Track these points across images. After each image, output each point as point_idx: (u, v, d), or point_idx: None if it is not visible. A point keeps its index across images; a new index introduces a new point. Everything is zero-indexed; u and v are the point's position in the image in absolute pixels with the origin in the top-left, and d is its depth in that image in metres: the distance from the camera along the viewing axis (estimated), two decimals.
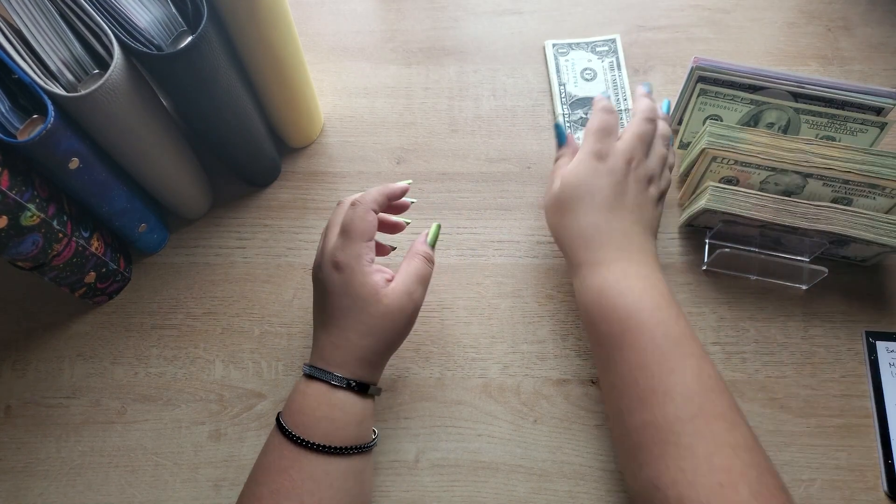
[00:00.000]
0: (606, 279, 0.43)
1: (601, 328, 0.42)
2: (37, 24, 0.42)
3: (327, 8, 0.71)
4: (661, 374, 0.39)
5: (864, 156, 0.51)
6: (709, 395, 0.38)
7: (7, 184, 0.40)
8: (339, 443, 0.40)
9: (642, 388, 0.39)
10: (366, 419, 0.42)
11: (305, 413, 0.40)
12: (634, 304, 0.42)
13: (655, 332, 0.41)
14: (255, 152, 0.56)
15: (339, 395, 0.41)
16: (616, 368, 0.41)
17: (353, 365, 0.41)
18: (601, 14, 0.70)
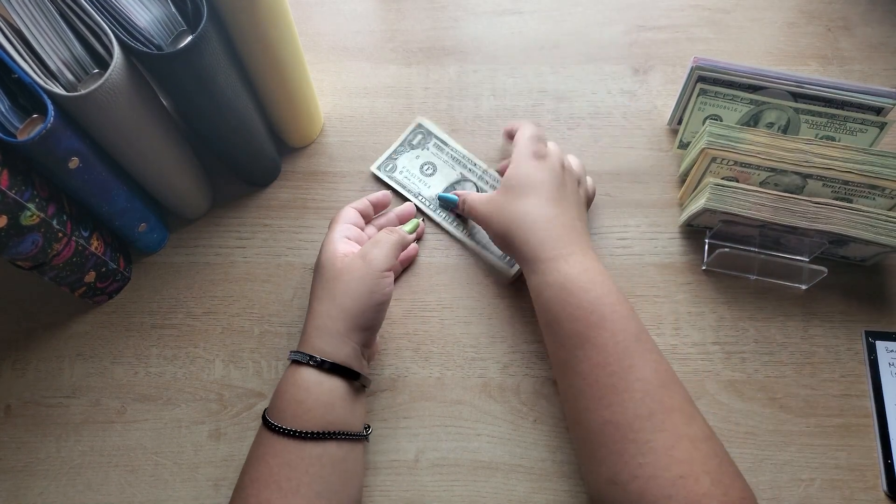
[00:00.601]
0: (568, 274, 0.42)
1: (565, 326, 0.41)
2: (37, 24, 0.42)
3: (327, 8, 0.71)
4: (621, 372, 0.39)
5: (864, 156, 0.51)
6: (666, 390, 0.39)
7: (7, 183, 0.40)
8: (310, 427, 0.40)
9: (603, 385, 0.39)
10: (336, 403, 0.41)
11: (278, 395, 0.42)
12: (598, 298, 0.41)
13: (616, 328, 0.40)
14: (255, 152, 0.56)
15: (303, 374, 0.41)
16: (578, 367, 0.40)
17: (313, 336, 0.42)
18: (601, 14, 0.70)
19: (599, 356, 0.39)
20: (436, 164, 0.57)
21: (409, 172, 0.56)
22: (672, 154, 0.61)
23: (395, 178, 0.56)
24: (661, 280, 0.55)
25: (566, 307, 0.41)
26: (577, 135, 0.62)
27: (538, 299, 0.44)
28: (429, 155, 0.57)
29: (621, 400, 0.38)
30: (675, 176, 0.60)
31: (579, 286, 0.41)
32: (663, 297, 0.54)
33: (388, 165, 0.56)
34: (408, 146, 0.56)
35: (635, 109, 0.63)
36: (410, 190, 0.56)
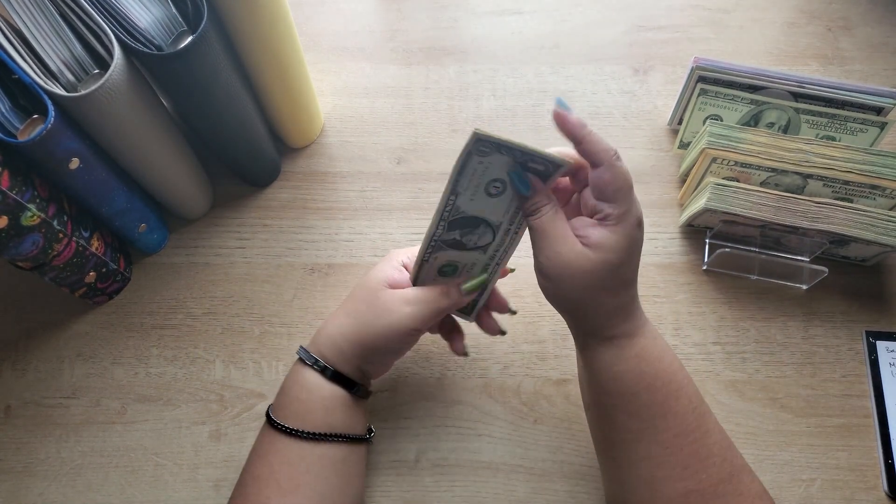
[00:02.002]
0: (644, 346, 0.39)
1: (642, 398, 0.38)
2: (37, 24, 0.42)
3: (327, 8, 0.71)
4: (702, 438, 0.38)
5: (865, 156, 0.51)
6: (732, 449, 0.38)
7: (7, 184, 0.40)
8: (311, 427, 0.40)
9: (686, 454, 0.37)
10: (336, 408, 0.41)
11: (282, 392, 0.42)
12: (670, 366, 0.39)
13: (690, 392, 0.39)
14: (255, 152, 0.56)
15: (307, 375, 0.41)
16: (658, 438, 0.37)
17: (322, 342, 0.42)
18: (601, 14, 0.70)
19: (681, 425, 0.37)
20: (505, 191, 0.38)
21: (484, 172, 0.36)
22: (672, 154, 0.61)
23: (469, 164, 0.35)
24: (662, 280, 0.55)
25: (644, 378, 0.38)
26: None
27: (607, 371, 0.39)
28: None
29: (705, 466, 0.37)
30: (676, 176, 0.60)
31: (654, 356, 0.39)
32: (664, 298, 0.54)
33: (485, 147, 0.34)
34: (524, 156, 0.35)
35: (635, 109, 0.63)
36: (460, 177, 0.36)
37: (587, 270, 0.36)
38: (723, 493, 0.36)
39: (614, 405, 0.39)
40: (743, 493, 0.37)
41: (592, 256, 0.36)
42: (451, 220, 0.39)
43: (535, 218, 0.38)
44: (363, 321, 0.41)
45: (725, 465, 0.37)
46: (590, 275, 0.36)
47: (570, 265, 0.36)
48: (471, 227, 0.40)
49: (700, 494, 0.36)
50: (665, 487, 0.37)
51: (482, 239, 0.41)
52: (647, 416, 0.38)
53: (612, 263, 0.36)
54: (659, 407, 0.38)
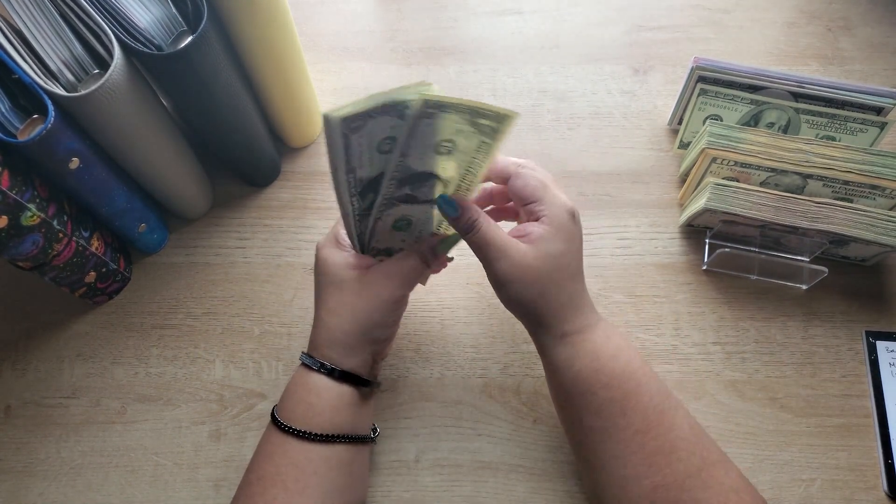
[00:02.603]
0: (596, 343, 0.40)
1: (600, 396, 0.39)
2: (37, 24, 0.42)
3: (327, 8, 0.71)
4: (664, 434, 0.38)
5: (865, 156, 0.51)
6: (702, 444, 0.38)
7: (7, 184, 0.40)
8: (318, 429, 0.40)
9: (649, 450, 0.38)
10: (344, 408, 0.41)
11: (288, 396, 0.42)
12: (628, 363, 0.40)
13: (651, 388, 0.39)
14: (255, 152, 0.56)
15: (313, 379, 0.41)
16: (619, 436, 0.38)
17: (324, 346, 0.42)
18: (601, 14, 0.70)
19: (641, 422, 0.38)
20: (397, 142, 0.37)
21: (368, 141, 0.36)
22: (672, 154, 0.61)
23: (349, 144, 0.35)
24: (662, 280, 0.55)
25: (600, 377, 0.39)
26: (578, 135, 0.62)
27: (566, 371, 0.40)
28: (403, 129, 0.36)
29: (669, 462, 0.37)
30: (676, 176, 0.60)
31: (609, 354, 0.40)
32: (663, 298, 0.54)
33: (354, 123, 0.34)
34: (397, 112, 0.35)
35: (635, 109, 0.63)
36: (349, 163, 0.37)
37: (534, 266, 0.39)
38: (690, 488, 0.36)
39: (577, 406, 0.40)
40: (712, 486, 0.37)
41: (536, 251, 0.39)
42: (361, 190, 0.40)
43: (473, 233, 0.40)
44: (358, 309, 0.42)
45: (694, 459, 0.37)
46: (537, 270, 0.39)
47: (519, 265, 0.39)
48: (417, 182, 0.41)
49: (666, 489, 0.37)
50: (633, 486, 0.38)
51: (435, 191, 0.42)
52: (608, 414, 0.39)
53: (553, 254, 0.39)
54: (617, 404, 0.39)
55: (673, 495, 0.36)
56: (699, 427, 0.39)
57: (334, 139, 0.35)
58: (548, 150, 0.61)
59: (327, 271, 0.43)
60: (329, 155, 0.36)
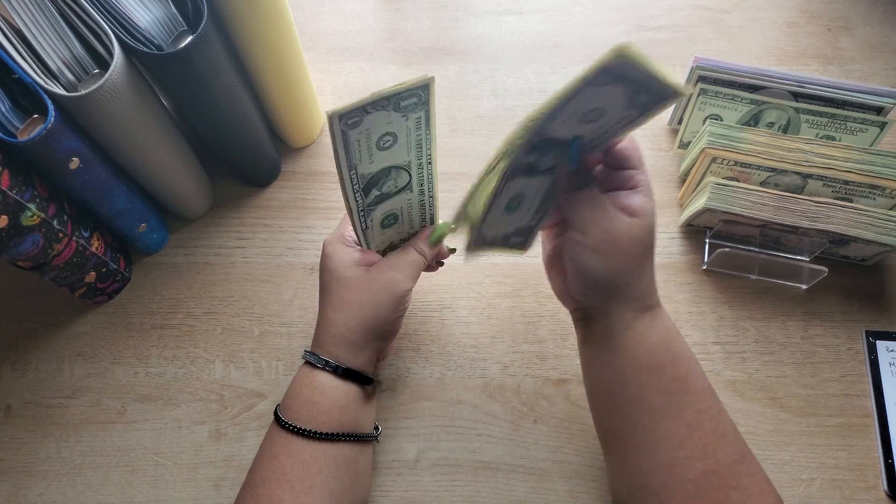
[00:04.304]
0: (667, 319, 0.40)
1: (668, 372, 0.38)
2: (37, 24, 0.42)
3: (327, 8, 0.71)
4: (718, 416, 0.38)
5: (865, 155, 0.51)
6: (738, 432, 0.39)
7: (7, 184, 0.40)
8: (325, 428, 0.40)
9: (706, 431, 0.37)
10: (350, 406, 0.41)
11: (292, 396, 0.42)
12: (685, 343, 0.40)
13: (701, 370, 0.39)
14: (255, 152, 0.56)
15: (318, 377, 0.41)
16: (680, 414, 0.38)
17: (329, 343, 0.42)
18: (601, 14, 0.70)
19: (701, 401, 0.38)
20: (397, 139, 0.39)
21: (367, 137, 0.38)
22: (672, 154, 0.61)
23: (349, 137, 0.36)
24: (662, 280, 0.55)
25: (671, 352, 0.39)
26: None
27: (640, 345, 0.39)
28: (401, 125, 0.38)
29: (722, 444, 0.37)
30: (676, 176, 0.60)
31: (675, 330, 0.40)
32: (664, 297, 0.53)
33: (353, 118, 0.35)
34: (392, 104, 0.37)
35: None
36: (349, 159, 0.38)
37: (638, 238, 0.38)
38: (737, 473, 0.36)
39: (643, 382, 0.39)
40: (754, 474, 0.37)
41: (640, 223, 0.38)
42: (364, 186, 0.40)
43: (583, 192, 0.39)
44: (365, 306, 0.42)
45: (738, 443, 0.37)
46: (640, 242, 0.38)
47: (623, 235, 0.38)
48: (383, 178, 0.41)
49: (717, 474, 0.36)
50: (684, 468, 0.37)
51: (400, 181, 0.42)
52: (672, 390, 0.38)
53: (652, 227, 0.39)
54: (682, 382, 0.38)
55: (722, 480, 0.36)
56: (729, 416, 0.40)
57: (335, 135, 0.36)
58: None
59: (333, 268, 0.43)
60: (333, 151, 0.37)
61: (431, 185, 0.44)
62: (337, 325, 0.42)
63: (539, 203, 0.43)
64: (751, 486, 0.36)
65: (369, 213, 0.42)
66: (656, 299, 0.40)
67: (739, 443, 0.38)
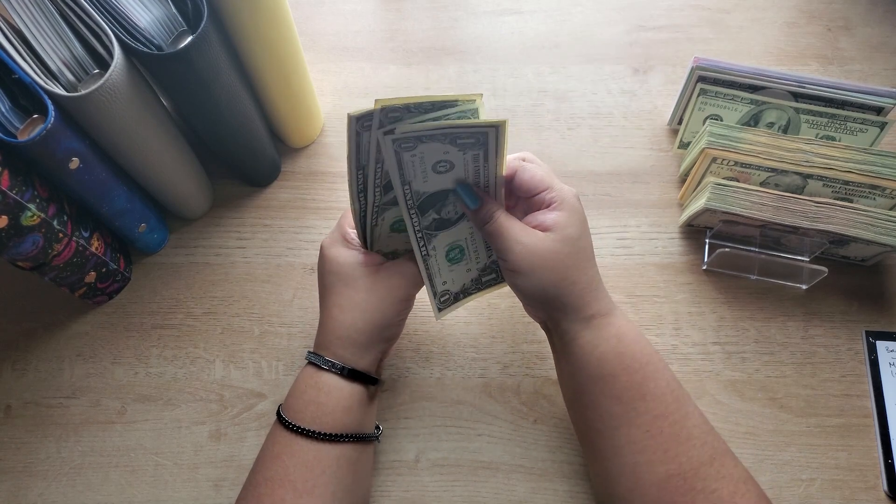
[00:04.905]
0: (619, 327, 0.40)
1: (622, 380, 0.39)
2: (37, 24, 0.42)
3: (327, 8, 0.71)
4: (681, 420, 0.38)
5: (865, 155, 0.51)
6: (712, 433, 0.38)
7: (7, 184, 0.40)
8: (328, 429, 0.40)
9: (666, 437, 0.37)
10: (354, 407, 0.42)
11: (295, 396, 0.42)
12: (645, 349, 0.40)
13: (666, 375, 0.39)
14: (255, 152, 0.56)
15: (323, 378, 0.41)
16: (637, 421, 0.38)
17: (335, 345, 0.42)
18: (601, 14, 0.70)
19: (660, 407, 0.38)
20: (455, 166, 0.39)
21: (422, 160, 0.37)
22: (672, 154, 0.61)
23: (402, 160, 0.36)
24: (662, 280, 0.55)
25: (623, 359, 0.39)
26: (577, 135, 0.62)
27: (590, 355, 0.40)
28: (459, 157, 0.38)
29: (686, 449, 0.37)
30: (676, 176, 0.60)
31: (631, 338, 0.40)
32: (663, 297, 0.54)
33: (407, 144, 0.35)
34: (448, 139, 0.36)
35: (635, 109, 0.63)
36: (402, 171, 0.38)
37: (555, 251, 0.40)
38: (704, 476, 0.36)
39: (598, 390, 0.40)
40: (725, 476, 0.37)
41: (555, 236, 0.40)
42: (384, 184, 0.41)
43: (491, 224, 0.41)
44: (371, 307, 0.42)
45: (706, 448, 0.37)
46: (558, 255, 0.40)
47: (538, 251, 0.40)
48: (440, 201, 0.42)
49: (682, 478, 0.36)
50: (647, 473, 0.37)
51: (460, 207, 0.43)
52: (628, 398, 0.39)
53: (572, 238, 0.40)
54: (637, 389, 0.39)
55: (687, 484, 0.36)
56: (707, 419, 0.40)
57: (349, 136, 0.37)
58: (548, 150, 0.61)
59: (337, 270, 0.43)
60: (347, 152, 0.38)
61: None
62: (344, 326, 0.42)
63: (483, 241, 0.45)
64: (721, 489, 0.36)
65: (382, 210, 0.43)
66: (602, 308, 0.41)
67: (709, 446, 0.38)
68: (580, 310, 0.41)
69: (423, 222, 0.42)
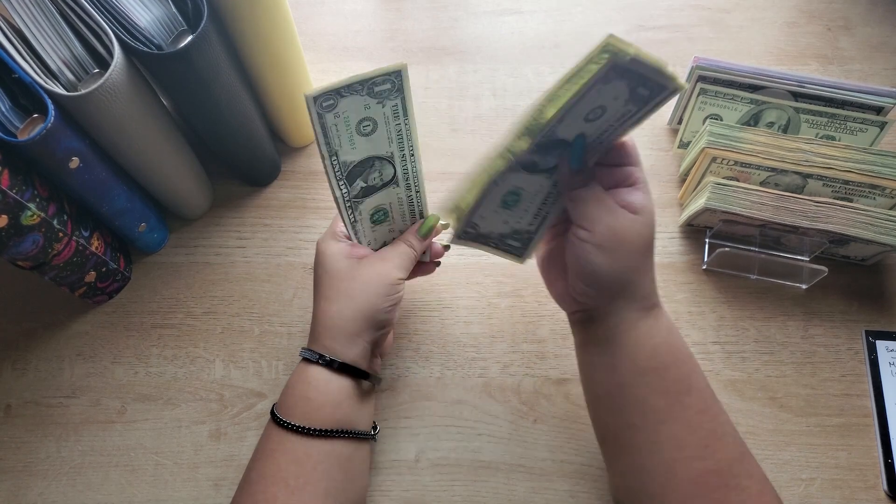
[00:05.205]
0: (669, 319, 0.40)
1: (672, 373, 0.38)
2: (37, 24, 0.42)
3: (327, 8, 0.71)
4: (717, 416, 0.38)
5: (864, 155, 0.51)
6: (737, 432, 0.39)
7: (7, 183, 0.40)
8: (318, 424, 0.40)
9: (707, 431, 0.37)
10: (343, 402, 0.41)
11: (287, 393, 0.42)
12: (685, 343, 0.40)
13: (701, 370, 0.39)
14: (255, 152, 0.56)
15: (312, 372, 0.41)
16: (681, 415, 0.37)
17: (324, 336, 0.42)
18: (601, 14, 0.70)
19: (702, 402, 0.38)
20: (377, 125, 0.40)
21: (346, 121, 0.38)
22: (672, 154, 0.61)
23: (325, 119, 0.37)
24: (662, 280, 0.55)
25: (673, 352, 0.39)
26: None
27: (644, 345, 0.39)
28: (378, 112, 0.39)
29: (722, 445, 0.37)
30: (676, 175, 0.60)
31: (676, 330, 0.40)
32: (663, 297, 0.53)
33: (328, 101, 0.36)
34: (365, 89, 0.37)
35: None
36: (329, 143, 0.39)
37: (642, 235, 0.38)
38: (737, 474, 0.36)
39: (645, 383, 0.38)
40: (754, 474, 0.37)
41: (643, 219, 0.38)
42: (347, 174, 0.41)
43: (586, 191, 0.38)
44: (357, 295, 0.42)
45: (737, 445, 0.37)
46: (643, 239, 0.38)
47: (628, 232, 0.38)
48: (367, 169, 0.42)
49: (717, 474, 0.36)
50: (684, 469, 0.37)
51: (385, 174, 0.43)
52: (675, 391, 0.38)
53: (653, 224, 0.39)
54: (684, 382, 0.38)
55: (722, 480, 0.36)
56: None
57: (312, 119, 0.37)
58: None
59: (324, 262, 0.43)
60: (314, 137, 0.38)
61: (418, 180, 0.45)
62: (331, 315, 0.42)
63: (538, 206, 0.43)
64: (751, 486, 0.36)
65: (356, 205, 0.43)
66: (658, 298, 0.40)
67: (738, 443, 0.38)
68: (646, 298, 0.39)
69: (352, 192, 0.42)
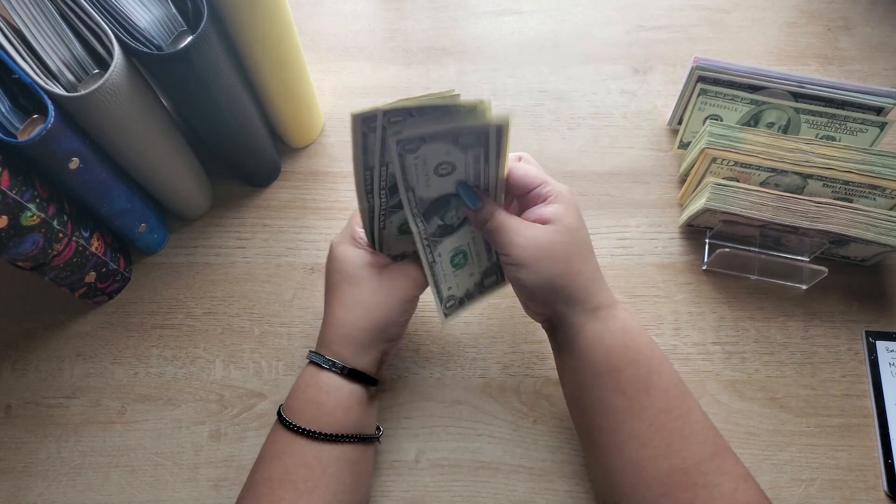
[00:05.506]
0: (624, 319, 0.40)
1: (627, 373, 0.39)
2: (37, 24, 0.42)
3: (327, 8, 0.71)
4: (684, 415, 0.38)
5: (865, 155, 0.51)
6: (714, 431, 0.39)
7: (7, 184, 0.40)
8: (329, 429, 0.40)
9: (669, 431, 0.37)
10: (354, 407, 0.42)
11: (295, 396, 0.42)
12: (649, 343, 0.40)
13: (669, 371, 0.39)
14: (255, 152, 0.56)
15: (323, 377, 0.41)
16: (641, 415, 0.38)
17: (336, 343, 0.42)
18: (601, 14, 0.70)
19: (664, 401, 0.38)
20: (456, 168, 0.39)
21: (424, 163, 0.38)
22: (672, 154, 0.61)
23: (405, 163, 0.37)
24: (662, 280, 0.55)
25: (628, 352, 0.39)
26: (578, 135, 0.62)
27: (597, 347, 0.40)
28: (460, 158, 0.38)
29: (688, 444, 0.37)
30: (676, 176, 0.60)
31: (636, 331, 0.40)
32: (663, 298, 0.54)
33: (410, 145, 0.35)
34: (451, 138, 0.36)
35: (635, 109, 0.63)
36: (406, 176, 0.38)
37: (557, 241, 0.40)
38: (706, 472, 0.36)
39: (601, 384, 0.40)
40: (727, 472, 0.37)
41: (555, 227, 0.40)
42: (390, 187, 0.41)
43: (491, 221, 0.41)
44: (374, 306, 0.42)
45: (708, 444, 0.37)
46: (560, 244, 0.40)
47: (540, 242, 0.40)
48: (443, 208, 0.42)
49: (684, 472, 0.36)
50: (651, 467, 0.37)
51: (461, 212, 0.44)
52: (632, 391, 0.39)
53: (571, 227, 0.41)
54: (642, 382, 0.39)
55: (689, 478, 0.36)
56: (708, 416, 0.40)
57: (355, 135, 0.37)
58: (548, 150, 0.61)
59: (343, 268, 0.43)
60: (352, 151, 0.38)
61: None
62: (346, 324, 0.42)
63: (486, 246, 0.45)
64: (722, 484, 0.36)
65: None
66: (606, 299, 0.41)
67: (711, 442, 0.38)
68: (586, 300, 0.41)
69: (429, 229, 0.42)
